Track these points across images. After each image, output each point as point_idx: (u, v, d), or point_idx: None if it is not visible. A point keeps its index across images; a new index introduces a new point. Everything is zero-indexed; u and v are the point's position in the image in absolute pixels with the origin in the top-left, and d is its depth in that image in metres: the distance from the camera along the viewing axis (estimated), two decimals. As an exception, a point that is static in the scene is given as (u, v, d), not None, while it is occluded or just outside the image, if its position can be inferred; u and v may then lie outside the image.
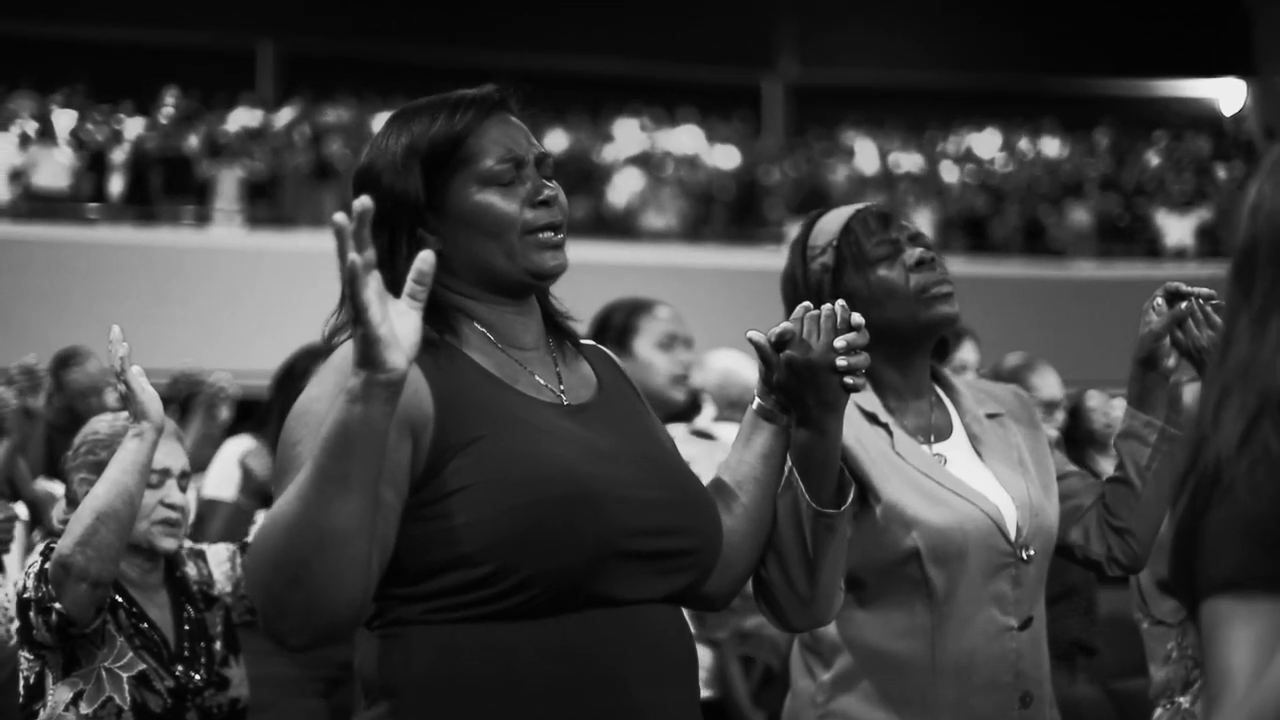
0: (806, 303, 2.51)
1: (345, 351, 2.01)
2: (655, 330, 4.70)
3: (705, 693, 4.93)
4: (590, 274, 13.34)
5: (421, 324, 2.01)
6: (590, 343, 2.60)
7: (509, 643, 2.19)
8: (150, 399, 3.42)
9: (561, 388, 2.41)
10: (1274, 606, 1.50)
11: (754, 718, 4.99)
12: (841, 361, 2.42)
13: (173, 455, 3.71)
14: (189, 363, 7.93)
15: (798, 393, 2.47)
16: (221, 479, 5.34)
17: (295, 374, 5.21)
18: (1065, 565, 3.29)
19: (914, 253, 2.99)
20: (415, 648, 2.22)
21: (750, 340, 2.52)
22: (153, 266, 16.93)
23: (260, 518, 5.00)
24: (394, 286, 2.03)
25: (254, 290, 16.11)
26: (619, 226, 20.45)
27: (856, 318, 2.45)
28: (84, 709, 3.47)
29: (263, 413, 5.46)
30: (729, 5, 25.67)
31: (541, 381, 2.39)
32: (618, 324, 4.73)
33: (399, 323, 1.98)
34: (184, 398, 7.22)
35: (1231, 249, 1.72)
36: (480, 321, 2.40)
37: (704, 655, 4.93)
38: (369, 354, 1.95)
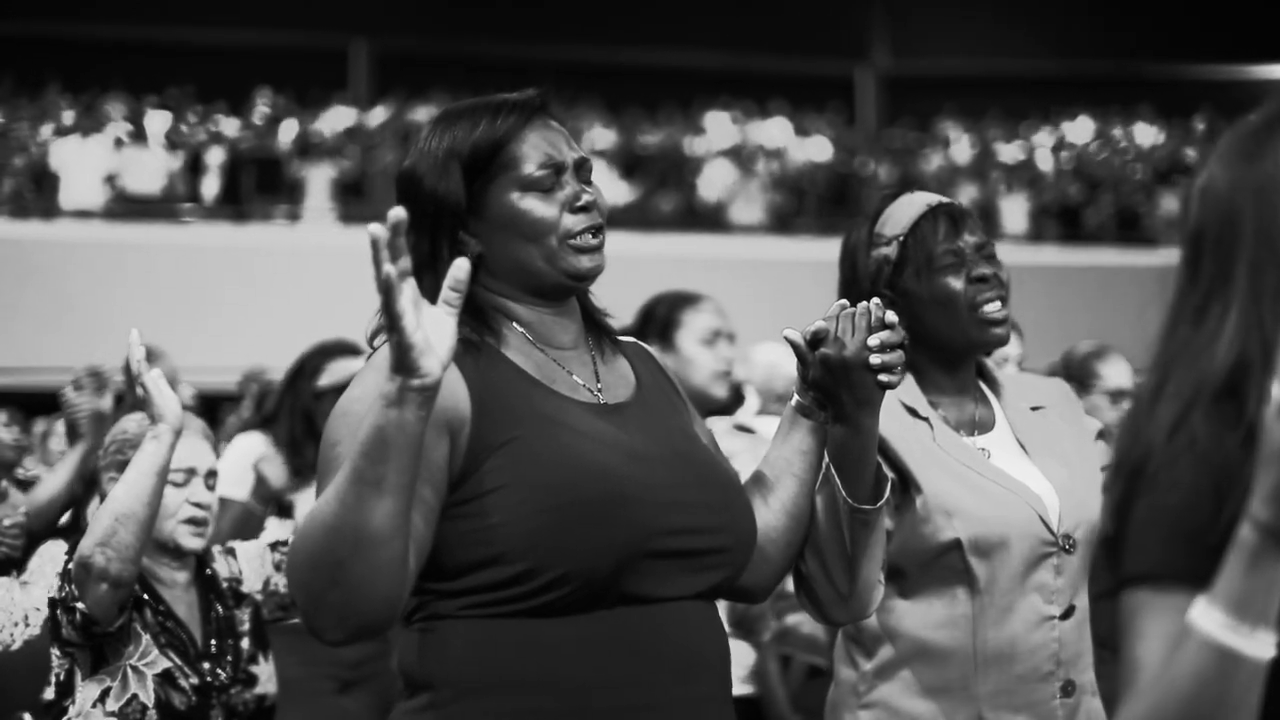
0: (843, 300, 2.54)
1: (386, 352, 2.06)
2: (699, 325, 4.67)
3: (745, 689, 4.91)
4: (681, 267, 13.38)
5: (457, 329, 2.06)
6: (631, 340, 2.63)
7: (543, 638, 2.25)
8: (167, 401, 3.47)
9: (599, 387, 2.45)
10: (1188, 601, 1.49)
11: (790, 719, 4.99)
12: (876, 359, 2.46)
13: (199, 455, 3.76)
14: (258, 361, 7.97)
15: (833, 390, 2.50)
16: (232, 477, 5.35)
17: (305, 371, 5.21)
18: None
19: (978, 269, 2.97)
20: (452, 642, 2.28)
21: (786, 339, 2.55)
22: (245, 266, 17.10)
23: (270, 524, 5.01)
24: (436, 288, 2.08)
25: (344, 288, 16.21)
26: (710, 219, 20.45)
27: (891, 316, 2.48)
28: (110, 706, 3.52)
29: (272, 410, 5.44)
30: (820, -4, 25.61)
31: (579, 381, 2.43)
32: (661, 317, 4.70)
33: (434, 329, 2.04)
34: (258, 396, 7.25)
35: (1182, 234, 1.71)
36: (519, 321, 2.44)
37: (745, 653, 4.92)
38: (404, 360, 2.01)
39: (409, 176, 2.45)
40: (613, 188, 19.43)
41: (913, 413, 2.96)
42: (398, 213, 1.98)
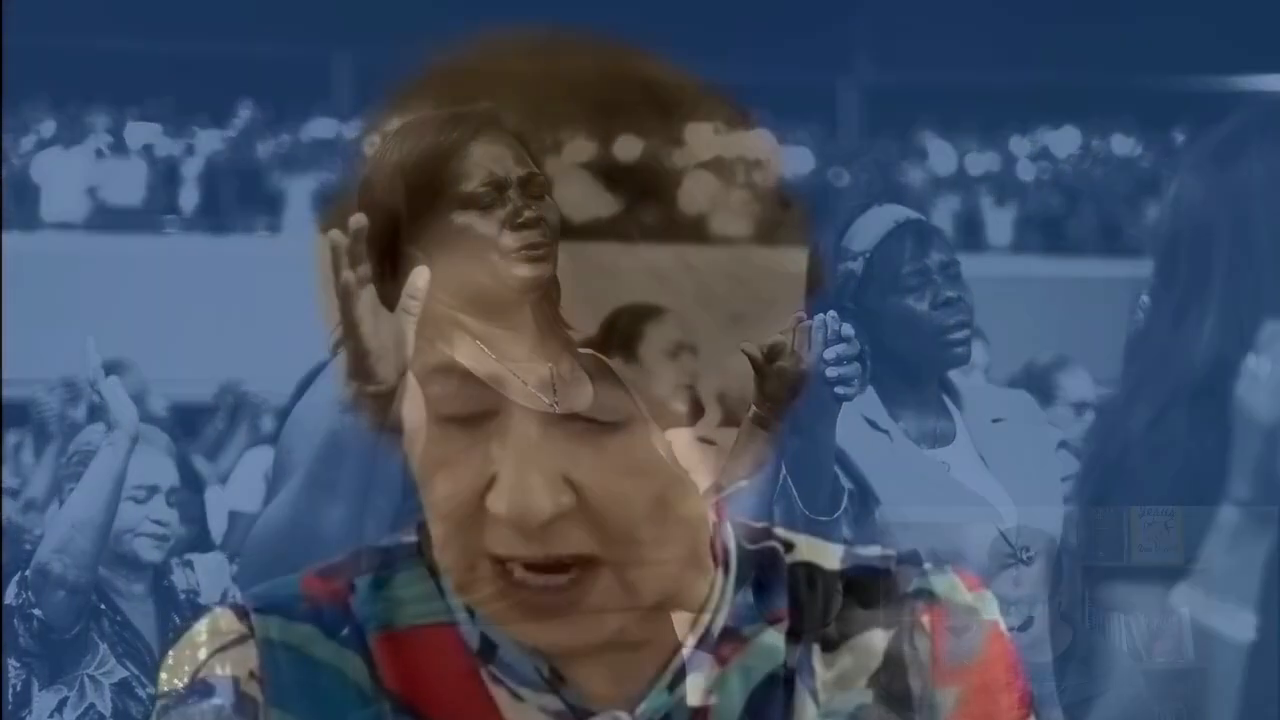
0: (800, 313, 2.54)
1: (343, 359, 2.06)
2: (662, 337, 4.65)
3: (707, 700, 4.89)
4: (663, 280, 13.41)
5: (414, 336, 2.06)
6: (588, 351, 2.63)
7: (498, 645, 2.24)
8: (123, 409, 3.47)
9: (555, 398, 2.45)
10: (1168, 591, 1.51)
11: None
12: (832, 372, 2.47)
13: (162, 472, 3.76)
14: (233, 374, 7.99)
15: (790, 402, 2.51)
16: (245, 491, 5.38)
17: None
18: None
19: (944, 292, 2.98)
20: (404, 650, 2.27)
21: (743, 351, 2.56)
22: (225, 278, 17.07)
23: None
24: (382, 300, 2.08)
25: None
26: (691, 232, 20.44)
27: (847, 329, 2.50)
28: (68, 715, 3.52)
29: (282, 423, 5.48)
30: (803, 6, 25.61)
31: (534, 391, 2.43)
32: (623, 329, 4.68)
33: (391, 336, 2.03)
34: (230, 409, 7.29)
35: (1154, 242, 1.73)
36: (470, 332, 2.44)
37: (705, 663, 4.90)
38: (360, 367, 2.01)
39: (363, 187, 2.46)
40: (594, 200, 19.44)
41: (872, 424, 2.97)
42: (359, 219, 1.96)
